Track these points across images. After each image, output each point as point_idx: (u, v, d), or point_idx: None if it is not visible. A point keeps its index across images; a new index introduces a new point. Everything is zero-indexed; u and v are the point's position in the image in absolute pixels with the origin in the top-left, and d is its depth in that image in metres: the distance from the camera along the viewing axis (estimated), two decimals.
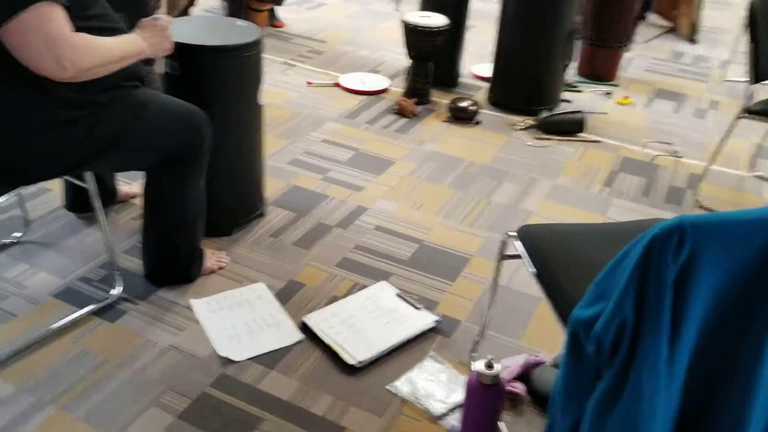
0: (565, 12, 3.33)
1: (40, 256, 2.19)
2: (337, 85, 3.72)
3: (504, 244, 1.73)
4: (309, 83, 3.72)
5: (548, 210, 2.71)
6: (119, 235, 2.33)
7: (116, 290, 2.03)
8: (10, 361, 1.79)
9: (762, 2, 2.48)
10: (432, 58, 3.49)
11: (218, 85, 2.16)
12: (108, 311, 1.98)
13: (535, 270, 1.56)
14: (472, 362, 1.90)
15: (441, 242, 2.46)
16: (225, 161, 2.28)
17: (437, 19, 3.42)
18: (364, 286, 2.19)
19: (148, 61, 2.07)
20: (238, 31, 2.23)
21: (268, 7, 4.47)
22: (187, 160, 1.91)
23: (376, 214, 2.59)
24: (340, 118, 3.35)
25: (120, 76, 1.74)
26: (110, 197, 2.42)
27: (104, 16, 1.71)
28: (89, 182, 1.88)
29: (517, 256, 1.65)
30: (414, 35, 3.40)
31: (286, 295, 2.13)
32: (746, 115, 2.61)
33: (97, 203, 1.93)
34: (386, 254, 2.36)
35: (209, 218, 2.33)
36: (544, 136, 3.29)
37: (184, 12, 3.83)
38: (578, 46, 4.01)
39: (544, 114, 3.35)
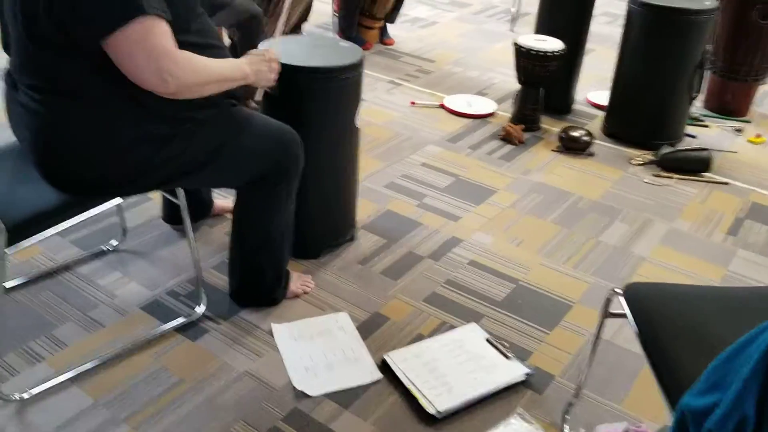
0: (695, 40, 3.06)
1: (133, 265, 2.21)
2: (441, 106, 3.61)
3: (609, 301, 1.55)
4: (413, 103, 3.63)
5: (662, 257, 2.47)
6: (210, 249, 2.32)
7: (200, 308, 2.01)
8: (92, 372, 1.79)
9: None
10: (544, 84, 3.31)
11: (316, 106, 2.10)
12: (190, 328, 1.96)
13: (640, 335, 1.38)
14: (564, 425, 1.72)
15: (540, 284, 2.28)
16: (318, 183, 2.22)
17: (552, 44, 3.24)
18: (451, 326, 2.06)
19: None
20: (340, 52, 2.17)
21: (380, 24, 4.44)
22: (276, 182, 1.87)
23: (471, 248, 2.46)
24: (442, 141, 3.24)
25: (218, 94, 1.72)
26: (206, 210, 2.43)
27: (203, 31, 1.69)
28: (180, 197, 1.87)
29: (623, 315, 1.47)
30: (526, 59, 3.24)
31: (368, 328, 2.03)
32: None
33: (186, 219, 1.92)
34: (479, 293, 2.22)
35: (298, 239, 2.29)
36: (664, 173, 3.03)
37: (296, 28, 3.86)
38: (707, 77, 3.70)
39: (665, 149, 3.09)
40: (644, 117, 3.25)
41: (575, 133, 3.20)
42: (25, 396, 1.69)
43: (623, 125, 3.32)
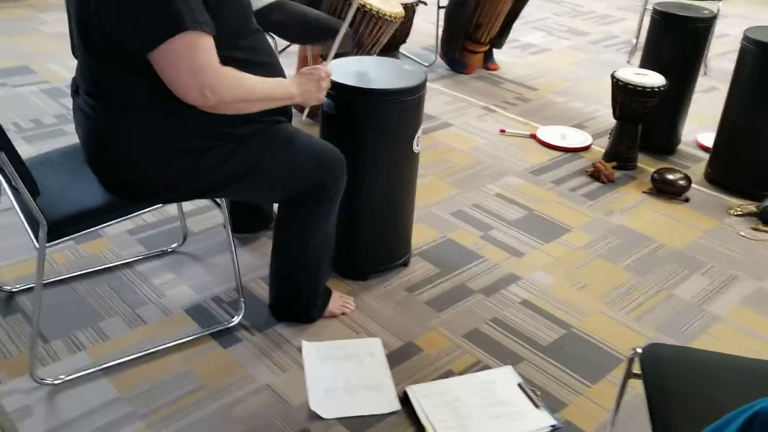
0: None
1: (187, 268, 2.30)
2: (533, 136, 3.50)
3: (632, 361, 1.42)
4: (502, 131, 3.54)
5: (740, 318, 2.23)
6: (264, 260, 2.36)
7: (237, 317, 2.06)
8: (123, 366, 1.88)
9: None
10: (642, 121, 3.12)
11: (372, 128, 2.10)
12: (225, 335, 2.01)
13: (649, 400, 1.24)
14: None
15: (594, 333, 2.14)
16: (371, 206, 2.22)
17: (653, 78, 3.05)
18: (486, 367, 1.97)
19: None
20: (403, 75, 2.16)
21: (484, 48, 4.38)
22: (316, 201, 1.88)
23: (528, 286, 2.34)
24: (524, 172, 3.13)
25: (266, 111, 1.76)
26: (266, 221, 2.49)
27: (256, 48, 1.74)
28: (223, 208, 1.93)
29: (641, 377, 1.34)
30: (623, 94, 3.07)
31: (399, 357, 1.99)
32: None
33: (228, 228, 1.98)
34: (524, 334, 2.11)
35: (347, 260, 2.30)
36: (763, 227, 2.75)
37: (392, 48, 3.88)
38: None
39: None
40: (751, 164, 2.97)
41: (670, 176, 2.99)
42: (57, 382, 1.80)
43: (727, 172, 3.05)
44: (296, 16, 3.06)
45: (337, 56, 3.20)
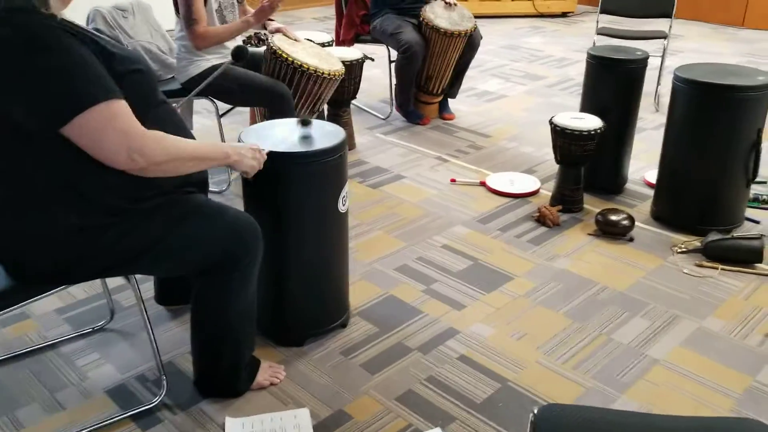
0: (748, 119, 2.79)
1: (113, 347, 2.26)
2: (483, 184, 3.50)
3: (534, 425, 1.37)
4: (453, 181, 3.55)
5: (680, 360, 2.19)
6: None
7: (159, 397, 2.00)
8: None
9: None
10: (583, 163, 3.13)
11: (294, 192, 2.10)
12: (145, 417, 1.96)
13: None
14: None
15: (530, 386, 2.09)
16: (302, 269, 2.19)
17: (590, 122, 3.07)
18: (417, 431, 1.92)
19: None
20: (323, 136, 2.15)
21: (438, 99, 4.43)
22: (229, 271, 1.85)
23: (466, 340, 2.30)
24: (472, 221, 3.12)
25: (173, 183, 1.75)
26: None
27: (160, 121, 1.73)
28: (132, 285, 1.90)
29: None
30: (562, 138, 3.08)
31: (327, 426, 1.93)
32: None
33: (141, 306, 1.95)
34: (459, 392, 2.06)
35: (280, 327, 2.26)
36: (708, 263, 2.73)
37: (345, 106, 3.89)
38: None
39: (713, 236, 2.79)
40: (692, 200, 2.97)
41: (614, 217, 2.98)
42: None
43: (670, 209, 3.05)
44: (233, 80, 3.10)
45: (274, 116, 3.22)
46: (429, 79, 4.27)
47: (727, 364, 2.17)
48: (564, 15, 7.55)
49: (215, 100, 3.30)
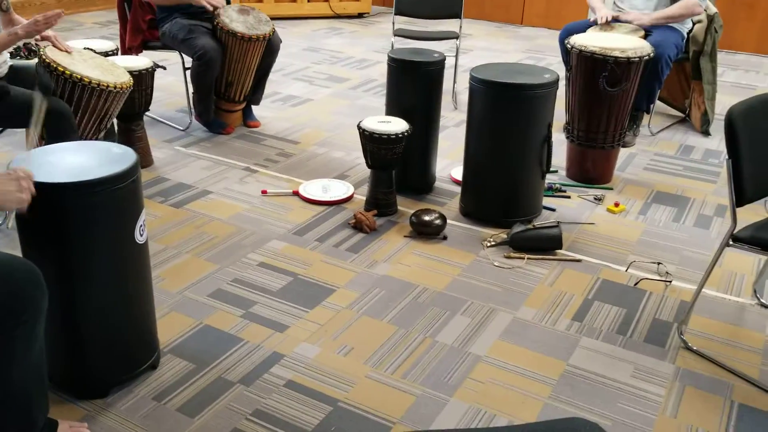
0: (538, 114, 2.96)
1: None
2: (296, 193, 3.40)
3: None
4: (264, 192, 3.41)
5: (500, 354, 2.26)
6: None
7: None
8: None
9: (744, 110, 2.06)
10: (394, 166, 3.15)
11: (79, 227, 1.84)
12: None
13: None
14: None
15: (361, 402, 2.03)
16: (97, 313, 1.94)
17: (397, 125, 3.09)
18: None
19: None
20: (110, 160, 1.92)
21: (241, 106, 4.25)
22: (10, 328, 1.57)
23: (292, 364, 2.19)
24: (288, 234, 3.01)
25: None
26: None
27: None
28: None
29: None
30: (371, 143, 3.07)
31: None
32: (733, 243, 2.15)
33: None
34: (289, 423, 1.95)
35: (81, 378, 2.00)
36: (515, 254, 2.87)
37: (138, 119, 3.58)
38: (566, 147, 3.63)
39: (517, 228, 2.94)
40: (495, 194, 3.11)
41: (427, 217, 3.03)
42: None
43: (477, 204, 3.17)
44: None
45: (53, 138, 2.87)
46: (229, 86, 4.08)
47: (542, 351, 2.28)
48: (360, 16, 7.67)
49: None
